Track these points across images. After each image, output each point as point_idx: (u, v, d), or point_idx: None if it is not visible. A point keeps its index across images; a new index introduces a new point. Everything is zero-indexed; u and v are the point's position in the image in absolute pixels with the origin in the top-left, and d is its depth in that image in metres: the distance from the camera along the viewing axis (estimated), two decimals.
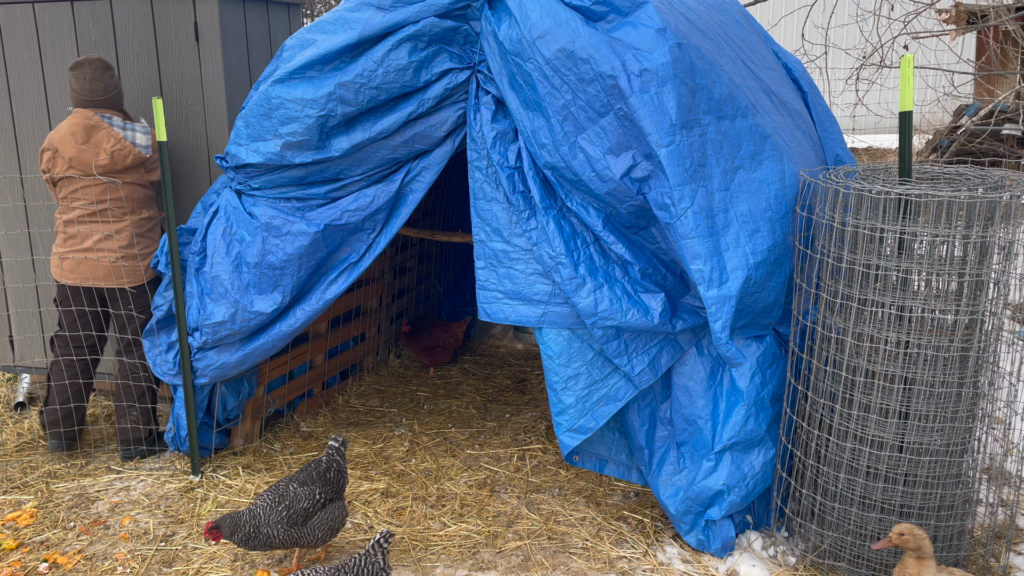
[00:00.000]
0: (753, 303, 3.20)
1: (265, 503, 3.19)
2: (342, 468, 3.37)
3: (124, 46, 4.33)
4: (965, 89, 10.81)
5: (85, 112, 3.96)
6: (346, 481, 3.39)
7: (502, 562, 3.37)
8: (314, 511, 3.20)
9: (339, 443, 3.40)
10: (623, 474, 3.78)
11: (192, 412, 3.96)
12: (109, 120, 3.98)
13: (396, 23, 3.32)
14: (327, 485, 3.28)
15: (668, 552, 3.41)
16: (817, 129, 3.80)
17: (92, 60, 3.95)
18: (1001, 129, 9.32)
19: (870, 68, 7.93)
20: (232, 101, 4.29)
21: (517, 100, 3.29)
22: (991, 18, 7.43)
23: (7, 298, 4.85)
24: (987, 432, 3.12)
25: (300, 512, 3.17)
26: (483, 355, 5.82)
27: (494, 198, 3.42)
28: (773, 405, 3.37)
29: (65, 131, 3.94)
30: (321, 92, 3.37)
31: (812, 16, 8.45)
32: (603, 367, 3.40)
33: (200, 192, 4.38)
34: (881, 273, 2.96)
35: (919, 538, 2.71)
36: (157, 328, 4.01)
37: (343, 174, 3.60)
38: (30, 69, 4.50)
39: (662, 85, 3.08)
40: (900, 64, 3.01)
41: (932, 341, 2.92)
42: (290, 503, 3.18)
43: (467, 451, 4.35)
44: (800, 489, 3.33)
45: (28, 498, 3.91)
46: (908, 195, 2.85)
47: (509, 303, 3.44)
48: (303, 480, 3.26)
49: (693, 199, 3.09)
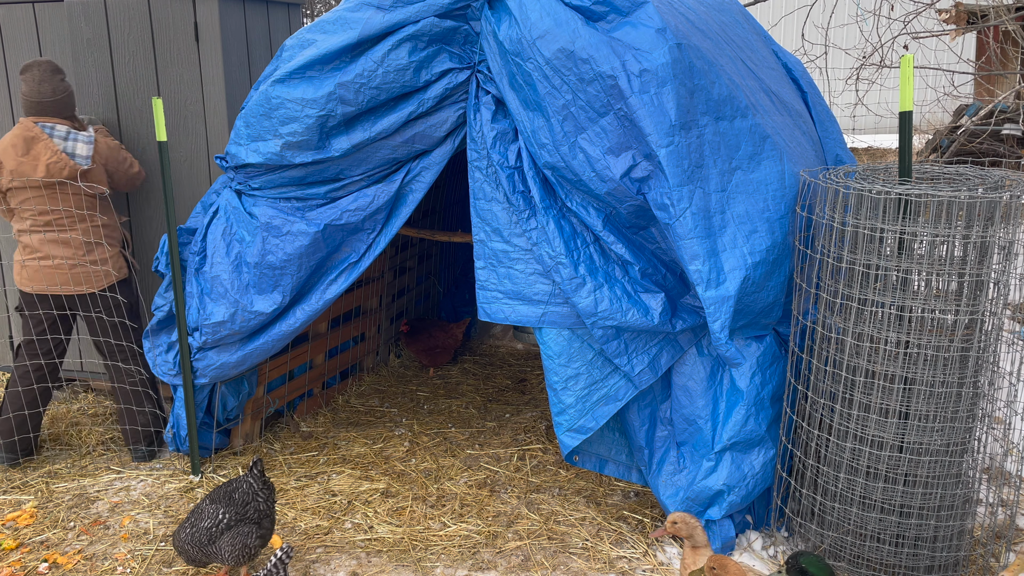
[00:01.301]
0: (752, 303, 3.20)
1: (187, 516, 3.14)
2: (254, 491, 3.18)
3: (119, 46, 4.32)
4: (965, 89, 10.81)
5: (26, 123, 3.91)
6: (263, 508, 3.18)
7: (502, 562, 3.37)
8: (217, 532, 3.06)
9: (254, 463, 3.25)
10: (623, 474, 3.78)
11: (192, 412, 3.96)
12: (50, 131, 3.90)
13: (396, 23, 3.32)
14: (231, 506, 3.11)
15: (668, 552, 3.41)
16: (817, 129, 3.80)
17: (41, 63, 3.92)
18: (1001, 129, 9.32)
19: (870, 68, 7.93)
20: (232, 101, 4.29)
21: (517, 100, 3.29)
22: (991, 18, 7.43)
23: (7, 299, 4.85)
24: (987, 432, 3.12)
25: (202, 531, 3.06)
26: (483, 355, 5.82)
27: (494, 198, 3.42)
28: (773, 405, 3.37)
29: (7, 142, 3.91)
30: (321, 92, 3.37)
31: (812, 16, 8.45)
32: (603, 367, 3.40)
33: (200, 192, 4.38)
34: (881, 273, 2.96)
35: (691, 526, 2.85)
36: (157, 328, 4.01)
37: (343, 174, 3.60)
38: None
39: (662, 85, 3.08)
40: (900, 64, 3.01)
41: (932, 341, 2.92)
42: (195, 519, 3.09)
43: (467, 451, 4.35)
44: (800, 489, 3.33)
45: (28, 498, 3.91)
46: (908, 195, 2.85)
47: (509, 303, 3.44)
48: (214, 498, 3.15)
49: (691, 200, 3.09)
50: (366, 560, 3.39)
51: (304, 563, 3.37)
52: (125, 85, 4.36)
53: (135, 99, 4.37)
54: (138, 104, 4.37)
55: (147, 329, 4.03)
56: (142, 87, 4.35)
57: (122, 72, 4.36)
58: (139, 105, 4.36)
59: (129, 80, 4.36)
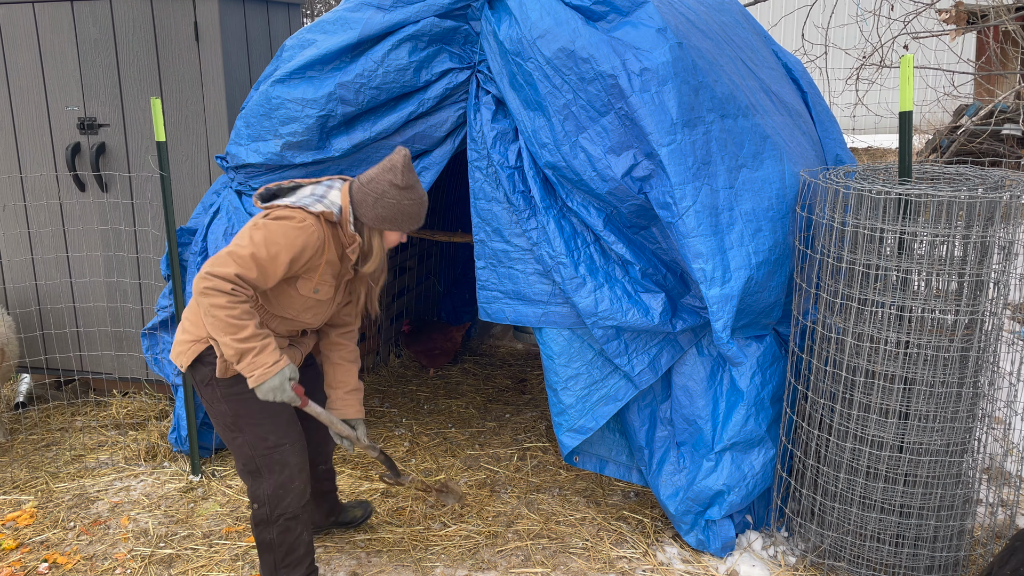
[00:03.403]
0: (754, 303, 3.20)
1: None
2: None
3: (124, 46, 4.33)
4: (965, 89, 10.81)
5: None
6: None
7: (502, 562, 3.37)
8: None
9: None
10: (623, 474, 3.78)
11: (192, 412, 3.96)
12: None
13: (396, 23, 3.32)
14: None
15: (668, 552, 3.41)
16: (817, 129, 3.80)
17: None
18: (1001, 129, 9.32)
19: (870, 68, 7.93)
20: (232, 101, 4.29)
21: (517, 100, 3.29)
22: (991, 18, 7.43)
23: (7, 298, 4.85)
24: (987, 432, 3.12)
25: None
26: (483, 355, 5.82)
27: (494, 198, 3.42)
28: (773, 405, 3.37)
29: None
30: (321, 92, 3.37)
31: (812, 16, 8.44)
32: (603, 367, 3.40)
33: (200, 192, 4.38)
34: (881, 273, 2.96)
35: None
36: (160, 328, 4.01)
37: (343, 174, 3.59)
38: (30, 69, 4.50)
39: (662, 84, 3.08)
40: (900, 64, 3.01)
41: (932, 341, 2.92)
42: None
43: (467, 451, 4.35)
44: (800, 489, 3.33)
45: (28, 498, 3.91)
46: (908, 195, 2.85)
47: (509, 303, 3.44)
48: None
49: (696, 197, 3.09)
50: (366, 560, 3.39)
51: None
52: (130, 85, 4.37)
53: (139, 99, 4.37)
54: (142, 104, 4.37)
55: (148, 328, 4.03)
56: (145, 87, 4.35)
57: (127, 72, 4.36)
58: (143, 105, 4.37)
59: (134, 80, 4.36)
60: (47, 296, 4.76)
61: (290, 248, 2.66)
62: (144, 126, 4.40)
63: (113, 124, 4.45)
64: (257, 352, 2.60)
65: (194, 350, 2.82)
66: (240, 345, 2.58)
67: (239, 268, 2.59)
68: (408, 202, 2.79)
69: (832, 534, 3.20)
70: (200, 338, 2.81)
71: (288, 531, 2.94)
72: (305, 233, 2.69)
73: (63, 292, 4.76)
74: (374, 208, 2.78)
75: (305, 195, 2.80)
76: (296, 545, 2.98)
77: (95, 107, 4.44)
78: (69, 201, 4.62)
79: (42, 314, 4.80)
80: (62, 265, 4.73)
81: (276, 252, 2.64)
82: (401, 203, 2.78)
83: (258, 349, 2.60)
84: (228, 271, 2.58)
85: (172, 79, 4.30)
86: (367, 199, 2.78)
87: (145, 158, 4.43)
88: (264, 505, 2.90)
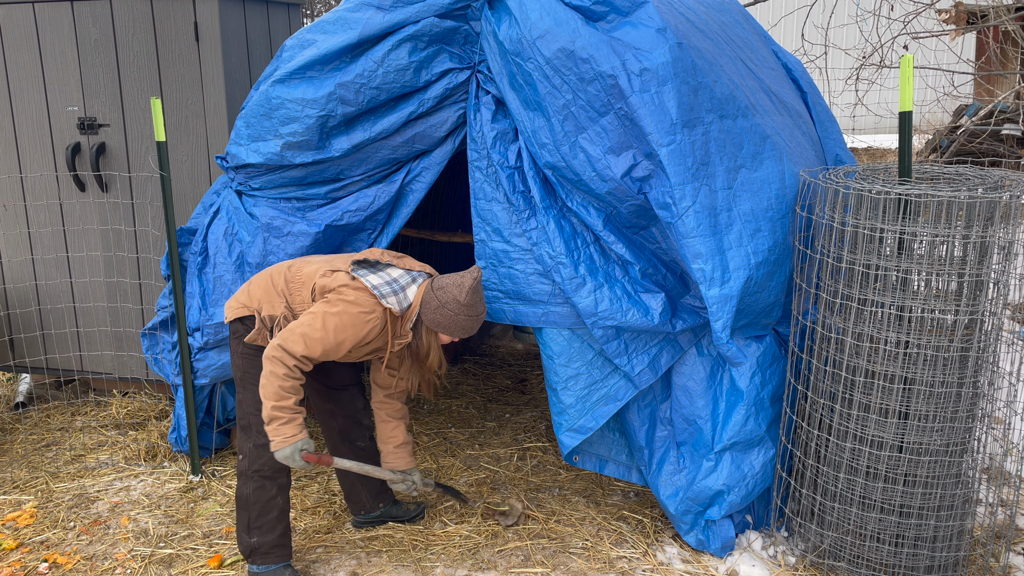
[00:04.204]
0: (754, 303, 3.20)
1: None
2: None
3: (124, 46, 4.33)
4: (965, 89, 10.81)
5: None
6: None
7: (502, 562, 3.37)
8: None
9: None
10: (623, 474, 3.78)
11: (192, 412, 3.96)
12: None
13: (396, 23, 3.32)
14: None
15: (668, 552, 3.41)
16: (817, 129, 3.80)
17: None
18: (1001, 129, 9.32)
19: (870, 68, 7.93)
20: (232, 101, 4.29)
21: (517, 100, 3.29)
22: (991, 18, 7.43)
23: (7, 298, 4.85)
24: (987, 432, 3.12)
25: None
26: (483, 355, 5.82)
27: (494, 198, 3.42)
28: (773, 405, 3.37)
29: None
30: (321, 92, 3.37)
31: (812, 16, 8.44)
32: (603, 367, 3.40)
33: (200, 192, 4.38)
34: (881, 273, 2.96)
35: None
36: (160, 328, 4.01)
37: (343, 174, 3.60)
38: (30, 69, 4.50)
39: (662, 84, 3.08)
40: (900, 64, 3.01)
41: (932, 341, 2.92)
42: None
43: (467, 451, 4.36)
44: (800, 489, 3.33)
45: (28, 498, 3.91)
46: (908, 195, 2.85)
47: (509, 303, 3.44)
48: None
49: (695, 198, 3.09)
50: (366, 560, 3.39)
51: (304, 563, 3.38)
52: (130, 85, 4.37)
53: (139, 99, 4.37)
54: (142, 104, 4.37)
55: (148, 328, 4.03)
56: (145, 87, 4.35)
57: (127, 72, 4.36)
58: (143, 105, 4.37)
59: (134, 80, 4.36)
60: (47, 296, 4.76)
61: (356, 337, 3.03)
62: (144, 126, 4.40)
63: (113, 124, 4.45)
64: (284, 422, 2.94)
65: (242, 312, 3.23)
66: (275, 412, 2.93)
67: (306, 350, 2.94)
68: (464, 317, 3.10)
69: (832, 534, 3.20)
70: (251, 308, 3.20)
71: (262, 489, 3.18)
72: (371, 324, 3.04)
73: (63, 292, 4.76)
74: (435, 312, 3.09)
75: (387, 280, 3.10)
76: (270, 507, 3.19)
77: (95, 107, 4.45)
78: (69, 201, 4.62)
79: (42, 314, 4.80)
80: (62, 265, 4.73)
81: (343, 340, 3.00)
82: (458, 317, 3.09)
83: (286, 420, 2.94)
84: (296, 350, 2.93)
85: (172, 79, 4.30)
86: (432, 302, 3.10)
87: (145, 158, 4.43)
88: (245, 458, 3.20)
